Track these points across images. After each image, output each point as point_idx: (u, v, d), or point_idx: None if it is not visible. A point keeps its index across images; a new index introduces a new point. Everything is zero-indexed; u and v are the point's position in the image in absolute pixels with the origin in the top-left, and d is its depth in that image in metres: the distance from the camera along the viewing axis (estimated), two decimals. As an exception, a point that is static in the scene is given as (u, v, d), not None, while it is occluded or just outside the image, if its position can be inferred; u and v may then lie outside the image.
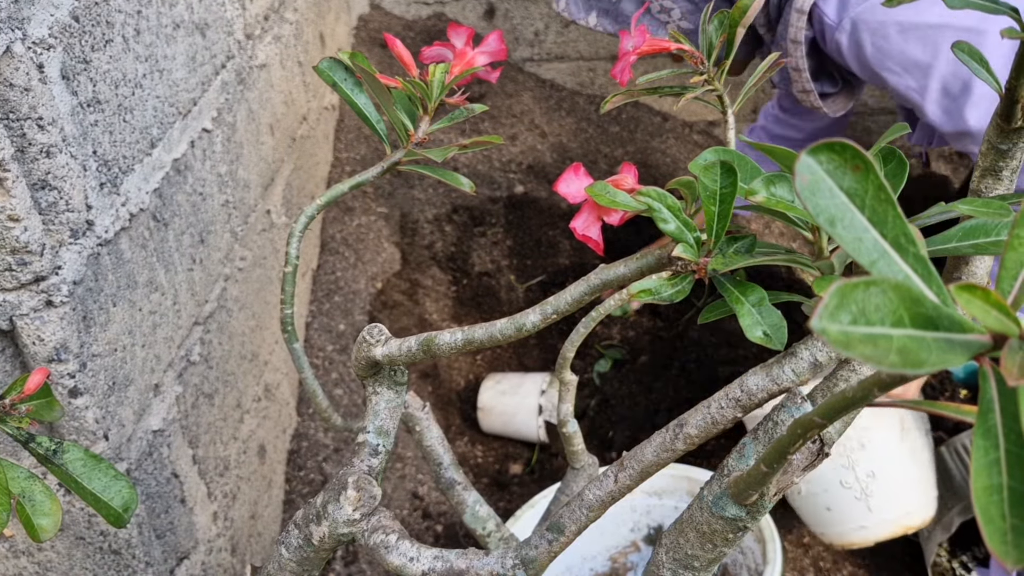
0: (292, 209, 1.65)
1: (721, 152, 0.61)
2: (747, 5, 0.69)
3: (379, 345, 0.74)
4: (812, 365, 0.59)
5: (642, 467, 0.65)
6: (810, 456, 0.59)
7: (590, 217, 0.66)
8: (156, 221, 1.06)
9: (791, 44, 1.29)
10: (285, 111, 1.61)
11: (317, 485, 1.60)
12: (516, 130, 2.29)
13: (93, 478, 0.64)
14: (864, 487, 1.42)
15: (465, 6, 2.43)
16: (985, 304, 0.31)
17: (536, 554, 0.69)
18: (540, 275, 2.06)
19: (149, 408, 1.05)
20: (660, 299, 0.60)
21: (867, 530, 1.46)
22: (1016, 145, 0.58)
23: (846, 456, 1.42)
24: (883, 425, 1.44)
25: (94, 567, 1.02)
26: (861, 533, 1.46)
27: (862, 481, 1.42)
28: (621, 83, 0.77)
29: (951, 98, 1.19)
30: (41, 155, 0.82)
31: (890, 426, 1.44)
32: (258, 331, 1.44)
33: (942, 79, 1.19)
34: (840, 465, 1.43)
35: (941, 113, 1.21)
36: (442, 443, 0.89)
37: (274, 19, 1.56)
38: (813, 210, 0.35)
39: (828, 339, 0.29)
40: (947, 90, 1.19)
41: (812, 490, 1.47)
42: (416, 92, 0.76)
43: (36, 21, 0.80)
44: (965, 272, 0.64)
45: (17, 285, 0.83)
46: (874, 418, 1.43)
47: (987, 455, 0.31)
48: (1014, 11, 0.55)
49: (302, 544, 0.78)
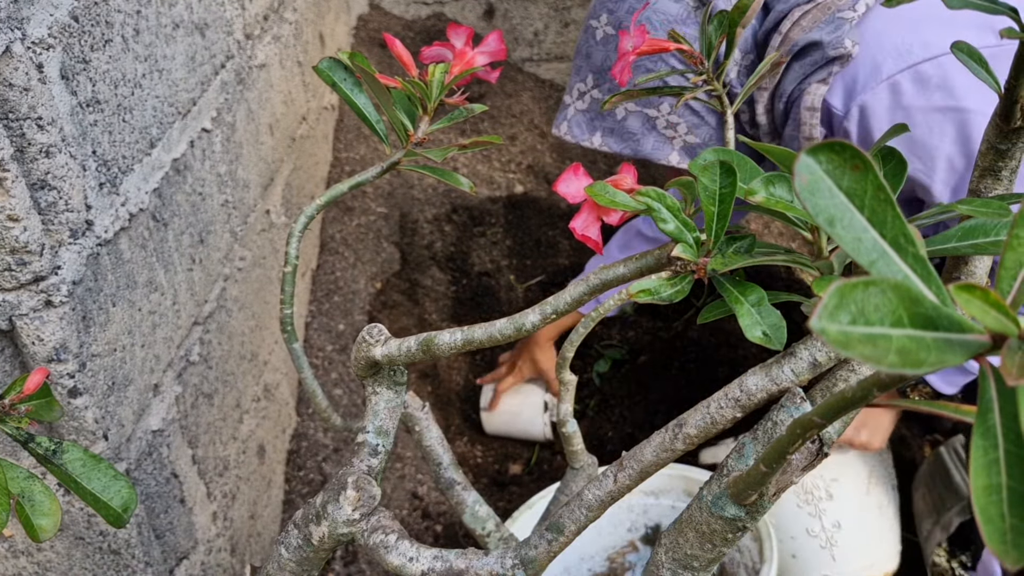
0: (292, 209, 1.65)
1: (720, 152, 0.61)
2: (746, 5, 0.69)
3: (378, 345, 0.74)
4: (811, 365, 0.59)
5: (641, 467, 0.65)
6: (809, 456, 0.59)
7: (589, 217, 0.66)
8: (155, 221, 1.06)
9: (805, 142, 1.29)
10: (284, 111, 1.61)
11: (316, 485, 1.60)
12: (515, 130, 2.29)
13: (92, 478, 0.64)
14: (829, 536, 1.47)
15: (464, 6, 2.43)
16: (984, 304, 0.31)
17: (535, 554, 0.69)
18: (540, 275, 2.06)
19: (148, 408, 1.05)
20: (660, 299, 0.60)
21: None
22: (1015, 145, 0.59)
23: (814, 505, 1.48)
24: (851, 477, 1.49)
25: (93, 567, 1.02)
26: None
27: (828, 531, 1.47)
28: (620, 83, 0.77)
29: (958, 174, 1.19)
30: (40, 155, 0.82)
31: (858, 478, 1.50)
32: (257, 331, 1.44)
33: (947, 158, 1.18)
34: (808, 514, 1.48)
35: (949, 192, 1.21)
36: (441, 443, 0.89)
37: (273, 19, 1.56)
38: (812, 210, 0.35)
39: (827, 339, 0.29)
40: (953, 167, 1.19)
41: (779, 536, 1.50)
42: (415, 92, 0.76)
43: (35, 21, 0.80)
44: (964, 272, 0.64)
45: (16, 285, 0.83)
46: (842, 469, 1.49)
47: (986, 455, 0.31)
48: (1013, 11, 0.55)
49: (301, 544, 0.78)
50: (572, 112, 1.40)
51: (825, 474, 1.48)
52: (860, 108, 1.21)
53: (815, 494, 1.47)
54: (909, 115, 1.19)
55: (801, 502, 1.49)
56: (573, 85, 1.40)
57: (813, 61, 1.22)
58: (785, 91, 1.27)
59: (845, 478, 1.48)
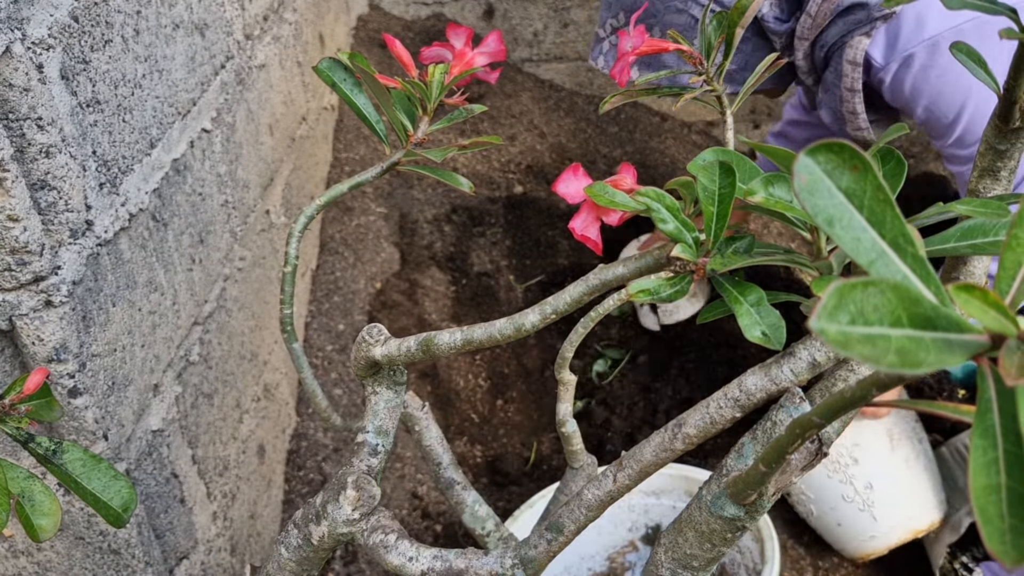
0: (291, 209, 1.65)
1: (720, 152, 0.61)
2: (745, 5, 0.69)
3: (378, 345, 0.74)
4: (811, 365, 0.59)
5: (641, 467, 0.65)
6: (808, 456, 0.59)
7: (589, 217, 0.66)
8: (155, 221, 1.06)
9: (847, 92, 1.35)
10: (284, 111, 1.61)
11: (316, 485, 1.60)
12: (515, 130, 2.29)
13: (92, 478, 0.64)
14: (865, 498, 1.51)
15: (464, 6, 2.43)
16: (983, 304, 0.31)
17: (535, 554, 0.69)
18: (539, 275, 2.06)
19: (148, 408, 1.05)
20: (659, 299, 0.60)
21: (877, 539, 1.54)
22: (1014, 145, 0.59)
23: (843, 472, 1.52)
24: (871, 438, 1.53)
25: (93, 567, 1.02)
26: (873, 543, 1.55)
27: (862, 493, 1.51)
28: (620, 83, 0.77)
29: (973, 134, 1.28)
30: (40, 155, 0.82)
31: (878, 438, 1.53)
32: (257, 331, 1.44)
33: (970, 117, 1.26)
34: (839, 481, 1.53)
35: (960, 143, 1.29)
36: (441, 443, 0.89)
37: (273, 19, 1.56)
38: (812, 210, 0.35)
39: (827, 339, 0.29)
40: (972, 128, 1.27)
41: (822, 509, 1.57)
42: (415, 92, 0.76)
43: (35, 21, 0.80)
44: (963, 272, 0.64)
45: (16, 285, 0.83)
46: (861, 434, 1.53)
47: (985, 455, 0.31)
48: (1012, 11, 0.55)
49: (301, 544, 0.78)
50: (607, 46, 1.47)
51: (846, 441, 1.52)
52: (900, 63, 1.26)
53: (841, 462, 1.51)
54: (944, 73, 1.22)
55: (830, 472, 1.53)
56: (605, 20, 1.46)
57: (857, 20, 1.26)
58: (827, 43, 1.32)
59: (865, 441, 1.52)
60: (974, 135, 1.27)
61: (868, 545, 1.55)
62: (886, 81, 1.30)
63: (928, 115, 1.30)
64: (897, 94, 1.32)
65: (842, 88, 1.34)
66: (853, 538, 1.56)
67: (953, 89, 1.24)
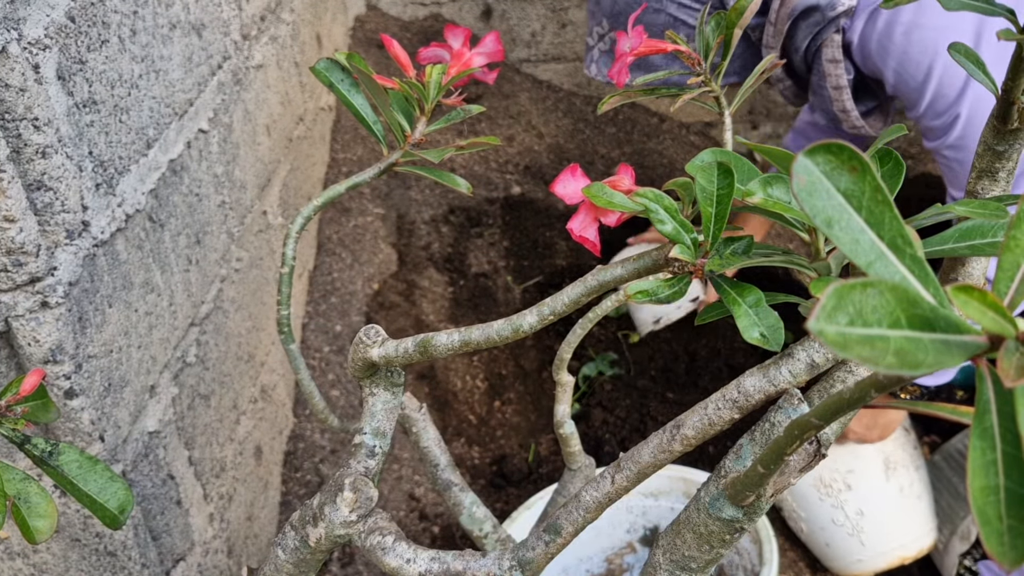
0: (289, 210, 1.65)
1: (718, 153, 0.61)
2: (744, 6, 0.69)
3: (376, 346, 0.74)
4: (809, 366, 0.59)
5: (639, 468, 0.64)
6: (807, 457, 0.59)
7: (587, 218, 0.66)
8: (152, 222, 1.06)
9: (834, 91, 1.36)
10: (282, 112, 1.61)
11: (314, 487, 1.60)
12: (513, 131, 2.29)
13: (89, 480, 0.64)
14: (855, 524, 1.54)
15: (462, 7, 2.42)
16: (982, 305, 0.31)
17: (533, 555, 0.69)
18: (537, 276, 2.06)
19: (145, 409, 1.05)
20: (657, 300, 0.60)
21: (864, 563, 1.57)
22: (1012, 146, 0.59)
23: (835, 496, 1.55)
24: (867, 465, 1.55)
25: (90, 569, 1.02)
26: (859, 566, 1.57)
27: (852, 519, 1.54)
28: (618, 84, 0.77)
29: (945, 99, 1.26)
30: (37, 156, 0.81)
31: (874, 465, 1.55)
32: (254, 332, 1.44)
33: (939, 80, 1.26)
34: (831, 505, 1.55)
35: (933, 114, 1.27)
36: (439, 444, 0.89)
37: (270, 20, 1.56)
38: (810, 211, 0.35)
39: (825, 340, 0.29)
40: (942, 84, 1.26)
41: (812, 528, 1.59)
42: (413, 93, 0.76)
43: (32, 21, 0.80)
44: (961, 273, 0.64)
45: (12, 286, 0.83)
46: (857, 460, 1.55)
47: (984, 456, 0.31)
48: (1010, 12, 0.55)
49: (298, 546, 0.78)
50: (597, 54, 1.49)
51: (840, 467, 1.54)
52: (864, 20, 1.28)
53: (833, 487, 1.53)
54: (908, 30, 1.25)
55: (822, 495, 1.55)
56: (592, 28, 1.49)
57: (815, 21, 1.28)
58: (799, 47, 1.33)
59: (860, 467, 1.53)
60: (946, 99, 1.26)
61: (855, 567, 1.57)
62: (854, 41, 1.31)
63: (898, 79, 1.31)
64: (867, 56, 1.33)
65: (828, 88, 1.35)
66: (840, 559, 1.58)
67: (920, 49, 1.25)
